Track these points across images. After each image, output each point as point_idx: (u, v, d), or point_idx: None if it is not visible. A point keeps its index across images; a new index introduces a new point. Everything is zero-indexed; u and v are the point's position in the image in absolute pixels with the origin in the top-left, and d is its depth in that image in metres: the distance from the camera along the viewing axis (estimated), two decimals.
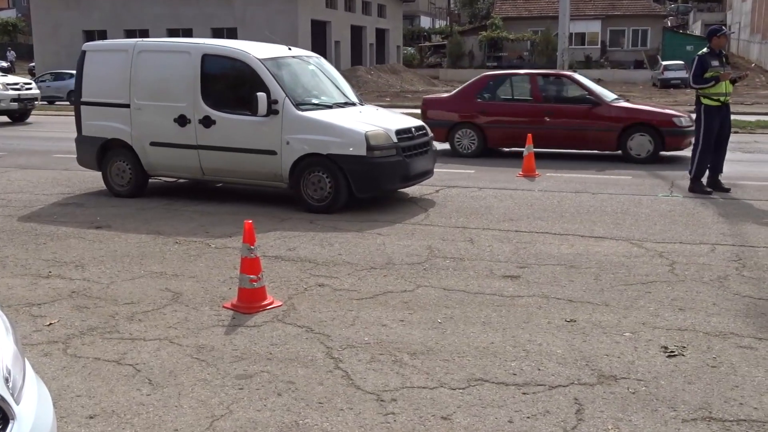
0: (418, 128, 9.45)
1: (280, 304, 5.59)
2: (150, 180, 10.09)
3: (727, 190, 9.89)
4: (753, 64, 48.56)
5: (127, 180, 9.84)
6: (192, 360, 4.60)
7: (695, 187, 9.97)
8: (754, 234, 7.71)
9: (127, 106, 9.59)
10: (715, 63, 9.74)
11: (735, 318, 5.26)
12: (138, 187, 9.86)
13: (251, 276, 5.44)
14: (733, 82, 9.95)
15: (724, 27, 10.05)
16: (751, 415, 3.85)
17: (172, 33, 36.11)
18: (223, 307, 5.55)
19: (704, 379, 4.29)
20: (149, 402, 4.06)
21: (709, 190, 9.92)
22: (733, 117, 19.55)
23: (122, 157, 9.80)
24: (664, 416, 3.85)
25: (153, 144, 9.53)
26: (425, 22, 68.17)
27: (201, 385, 4.25)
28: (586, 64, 47.82)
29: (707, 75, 9.66)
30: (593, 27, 51.06)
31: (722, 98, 9.78)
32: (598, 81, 42.73)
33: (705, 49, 10.02)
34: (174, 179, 10.56)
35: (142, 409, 3.97)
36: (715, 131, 9.86)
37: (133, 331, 5.09)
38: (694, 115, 10.43)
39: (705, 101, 9.81)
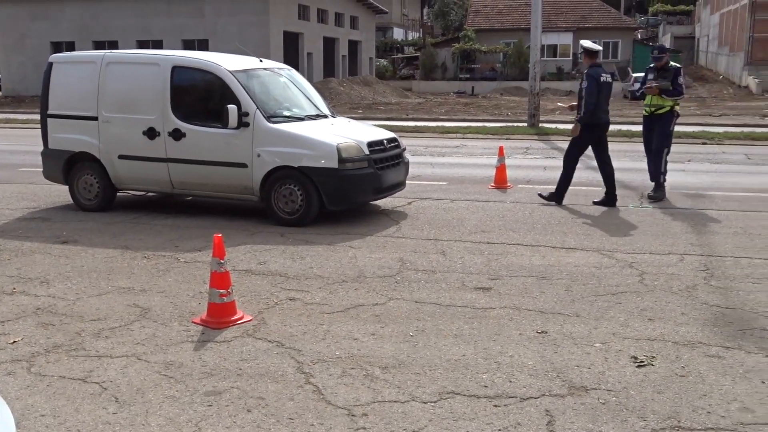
0: (390, 140, 9.49)
1: (250, 318, 5.56)
2: (118, 194, 10.01)
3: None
4: (721, 76, 49.44)
5: (95, 194, 9.74)
6: (160, 377, 4.56)
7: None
8: (721, 244, 7.83)
9: (95, 118, 9.52)
10: (650, 77, 10.46)
11: (703, 327, 5.34)
12: (106, 201, 9.77)
13: (221, 290, 5.41)
14: (661, 94, 10.33)
15: (665, 50, 10.72)
16: (718, 424, 3.91)
17: (142, 45, 35.97)
18: (192, 322, 5.51)
19: (673, 388, 4.34)
20: (116, 421, 4.01)
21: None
22: (701, 128, 19.89)
23: (90, 171, 9.71)
24: (633, 426, 3.89)
25: (121, 157, 9.46)
26: (398, 33, 68.45)
27: (169, 403, 4.21)
28: (559, 76, 48.31)
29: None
30: (565, 39, 51.62)
31: (645, 109, 10.71)
32: (569, 93, 43.11)
33: (651, 64, 10.66)
34: (143, 193, 10.48)
35: (108, 428, 3.93)
36: (645, 139, 10.84)
37: (100, 349, 5.03)
38: None
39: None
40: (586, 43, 10.30)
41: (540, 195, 10.38)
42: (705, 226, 8.76)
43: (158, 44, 35.85)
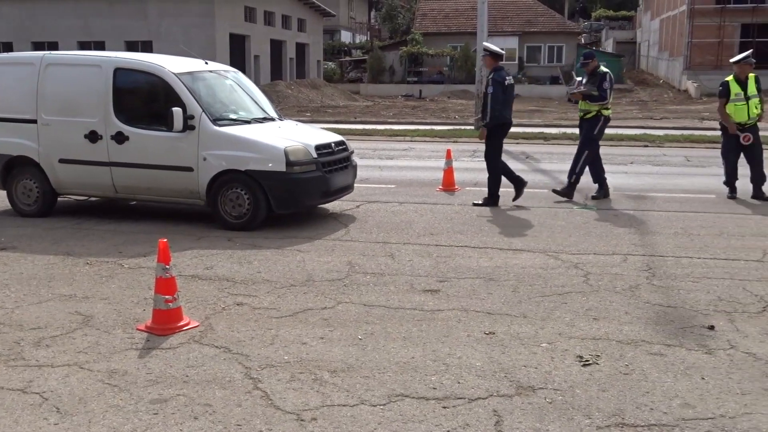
0: (338, 143, 9.48)
1: (196, 324, 5.49)
2: (59, 199, 9.78)
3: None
4: (661, 80, 50.68)
5: (35, 199, 9.50)
6: (103, 386, 4.46)
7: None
8: (662, 244, 8.03)
9: (34, 121, 9.28)
10: (584, 82, 10.77)
11: (646, 326, 5.46)
12: (46, 206, 9.53)
13: (166, 296, 5.33)
14: (585, 99, 10.69)
15: (591, 56, 10.99)
16: (661, 420, 4.00)
17: (84, 46, 35.19)
18: (137, 329, 5.41)
19: (617, 386, 4.43)
20: None
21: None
22: (643, 131, 20.37)
23: (29, 175, 9.45)
24: (579, 424, 3.96)
25: (62, 161, 9.24)
26: (346, 36, 68.39)
27: (113, 412, 4.12)
28: None
29: None
30: (511, 43, 52.20)
31: (579, 113, 11.05)
32: (516, 96, 43.77)
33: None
34: (85, 198, 10.26)
35: None
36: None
37: (40, 358, 4.90)
38: None
39: None
40: (491, 45, 10.51)
41: (475, 204, 10.46)
42: (647, 226, 8.96)
43: (100, 45, 35.11)
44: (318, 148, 8.94)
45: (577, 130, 11.85)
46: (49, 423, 4.00)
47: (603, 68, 10.79)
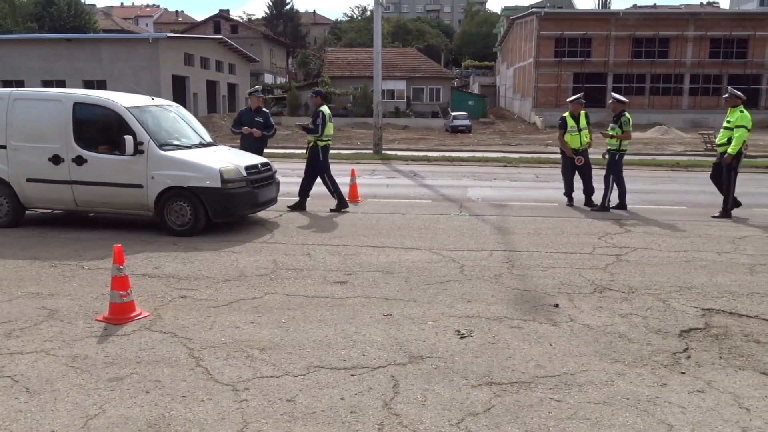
0: (264, 164, 9.34)
1: (147, 314, 5.27)
2: (27, 212, 9.18)
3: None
4: (516, 116, 52.52)
5: (5, 212, 8.88)
6: (67, 368, 4.23)
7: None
8: (519, 242, 8.30)
9: (4, 147, 8.70)
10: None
11: (507, 306, 5.63)
12: (15, 219, 8.93)
13: (121, 292, 5.10)
14: (304, 131, 10.76)
15: (319, 92, 10.98)
16: (520, 378, 4.13)
17: (47, 84, 33.35)
18: (96, 320, 5.15)
19: (487, 353, 4.54)
20: (27, 408, 3.67)
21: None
22: (503, 155, 20.87)
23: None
24: (458, 384, 4.04)
25: (29, 180, 8.69)
26: (269, 78, 67.44)
27: (76, 390, 3.91)
28: (396, 114, 49.48)
29: None
30: (400, 85, 52.98)
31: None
32: (404, 127, 44.31)
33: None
34: (49, 210, 9.68)
35: (20, 416, 3.59)
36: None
37: (11, 347, 4.59)
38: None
39: None
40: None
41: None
42: (507, 228, 9.23)
43: (61, 83, 33.38)
44: (247, 168, 8.78)
45: (454, 153, 11.96)
46: (20, 401, 3.75)
47: (323, 108, 10.57)
